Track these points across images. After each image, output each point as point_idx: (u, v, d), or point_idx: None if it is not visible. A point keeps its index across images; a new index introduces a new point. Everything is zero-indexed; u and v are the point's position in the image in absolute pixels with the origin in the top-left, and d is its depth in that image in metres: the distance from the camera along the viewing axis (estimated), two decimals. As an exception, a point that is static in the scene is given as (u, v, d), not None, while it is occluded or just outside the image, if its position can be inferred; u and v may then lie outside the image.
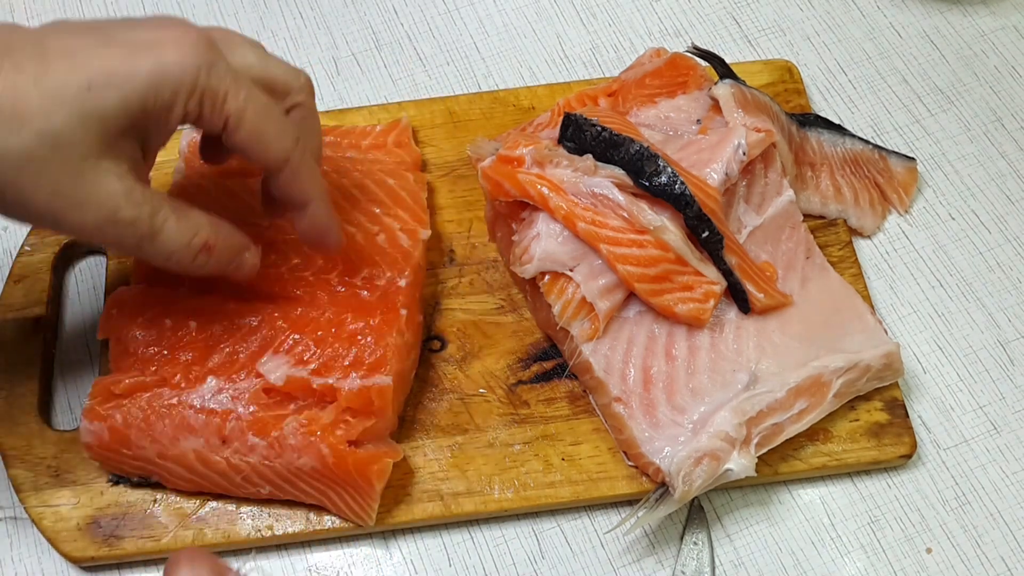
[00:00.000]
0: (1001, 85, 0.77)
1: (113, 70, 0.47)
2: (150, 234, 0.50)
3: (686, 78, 0.68)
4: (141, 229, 0.50)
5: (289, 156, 0.52)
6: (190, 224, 0.52)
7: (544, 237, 0.60)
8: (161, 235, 0.50)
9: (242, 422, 0.58)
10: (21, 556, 0.62)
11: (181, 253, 0.52)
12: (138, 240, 0.50)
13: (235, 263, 0.55)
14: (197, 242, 0.52)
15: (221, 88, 0.49)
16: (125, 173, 0.48)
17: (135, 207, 0.49)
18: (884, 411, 0.63)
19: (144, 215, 0.49)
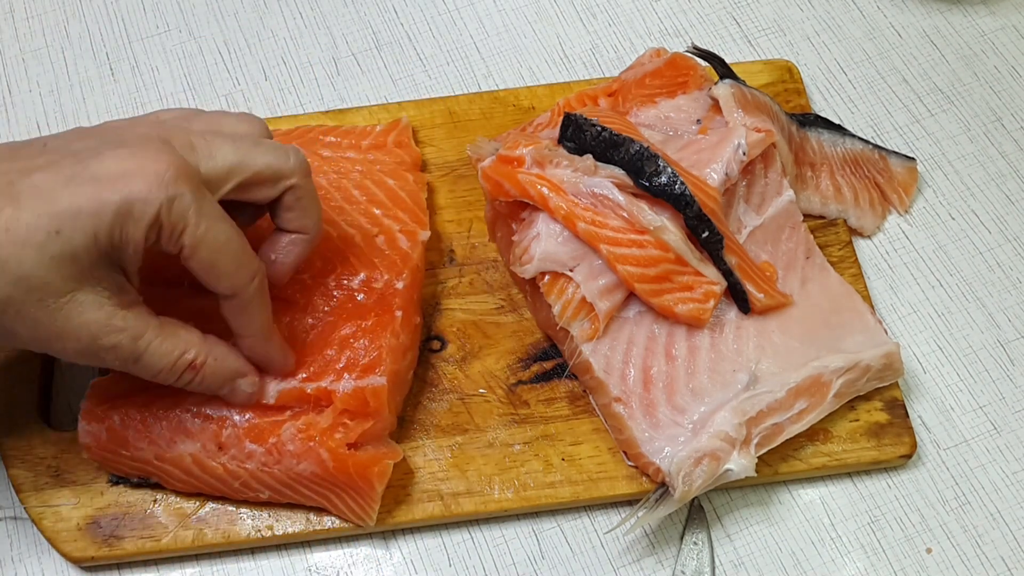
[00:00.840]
0: (1001, 85, 0.77)
1: (79, 210, 0.47)
2: (133, 358, 0.52)
3: (686, 78, 0.68)
4: (123, 354, 0.51)
5: (237, 293, 0.53)
6: (177, 343, 0.53)
7: (544, 237, 0.60)
8: (144, 358, 0.52)
9: (238, 429, 0.58)
10: (21, 556, 0.62)
11: (166, 373, 0.53)
12: (122, 363, 0.52)
13: (227, 388, 0.56)
14: (182, 362, 0.53)
15: (180, 223, 0.49)
16: (105, 301, 0.50)
17: (116, 334, 0.50)
18: (884, 411, 0.63)
19: (125, 341, 0.51)
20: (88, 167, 0.48)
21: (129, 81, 0.78)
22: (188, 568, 0.61)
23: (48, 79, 0.78)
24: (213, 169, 0.51)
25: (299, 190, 0.55)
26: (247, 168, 0.53)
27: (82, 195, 0.47)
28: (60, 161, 0.49)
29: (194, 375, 0.54)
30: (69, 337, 0.49)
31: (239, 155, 0.52)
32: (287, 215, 0.56)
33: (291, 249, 0.57)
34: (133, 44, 0.80)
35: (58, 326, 0.49)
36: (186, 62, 0.79)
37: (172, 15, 0.81)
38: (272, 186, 0.54)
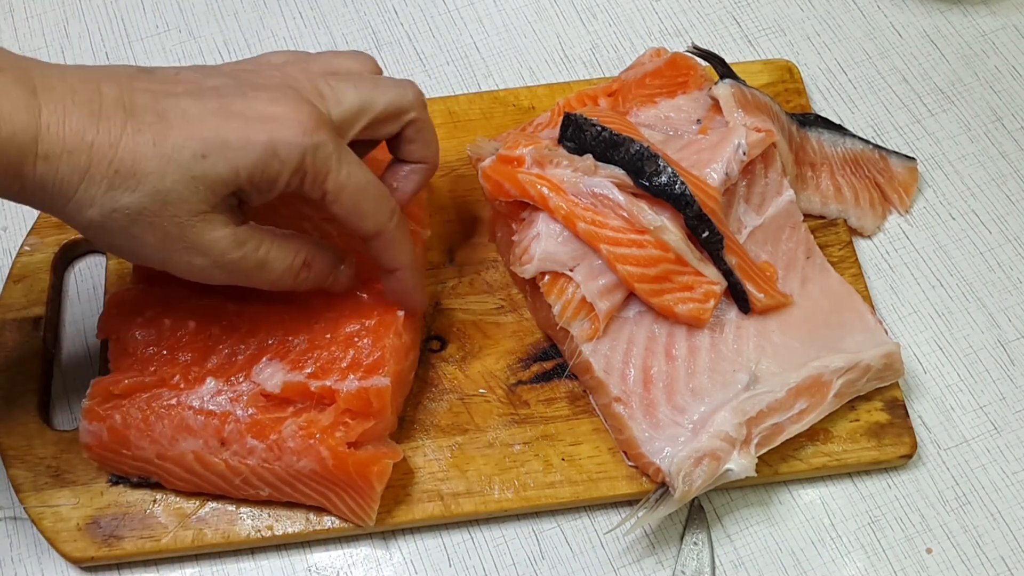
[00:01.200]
0: (1001, 85, 0.77)
1: (227, 141, 0.49)
2: (258, 266, 0.54)
3: (686, 78, 0.68)
4: (248, 264, 0.53)
5: (382, 230, 0.55)
6: (290, 248, 0.55)
7: (544, 237, 0.60)
8: (268, 264, 0.54)
9: (241, 425, 0.58)
10: (21, 556, 0.62)
11: (285, 274, 0.55)
12: (246, 273, 0.54)
13: (332, 276, 0.58)
14: (298, 262, 0.55)
15: (323, 169, 0.52)
16: (228, 220, 0.52)
17: (240, 247, 0.52)
18: (884, 411, 0.63)
19: (249, 251, 0.53)
20: (234, 103, 0.51)
21: (129, 81, 0.78)
22: (188, 568, 0.61)
23: (48, 79, 0.78)
24: (341, 114, 0.54)
25: (419, 122, 0.58)
26: (372, 108, 0.55)
27: (230, 128, 0.50)
28: (202, 92, 0.51)
29: (308, 272, 0.56)
30: (197, 252, 0.51)
31: (363, 97, 0.54)
32: (409, 147, 0.58)
33: (412, 178, 0.60)
34: (133, 44, 0.80)
35: (186, 243, 0.51)
36: (186, 62, 0.79)
37: (172, 15, 0.81)
38: (395, 122, 0.56)
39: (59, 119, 0.47)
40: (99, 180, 0.48)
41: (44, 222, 0.69)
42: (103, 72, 0.50)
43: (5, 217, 0.72)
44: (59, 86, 0.48)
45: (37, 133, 0.46)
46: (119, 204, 0.48)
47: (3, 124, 0.46)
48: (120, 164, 0.48)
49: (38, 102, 0.47)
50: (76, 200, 0.48)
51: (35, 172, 0.47)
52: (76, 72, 0.49)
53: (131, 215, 0.49)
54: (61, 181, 0.47)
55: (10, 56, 0.48)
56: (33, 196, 0.48)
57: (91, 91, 0.48)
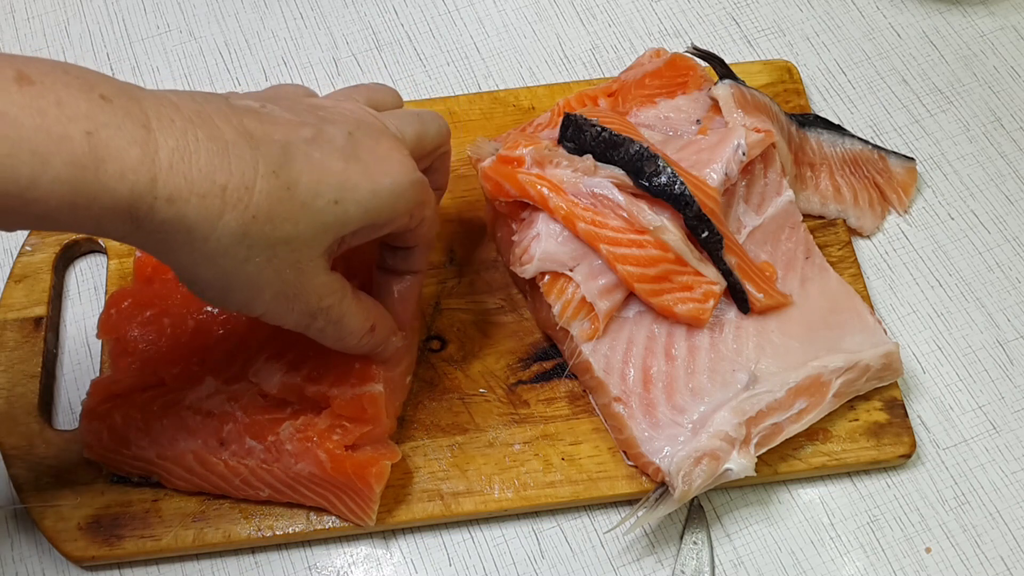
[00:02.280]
0: (1000, 85, 0.78)
1: (357, 186, 0.49)
2: (337, 319, 0.52)
3: (686, 78, 0.68)
4: (332, 315, 0.52)
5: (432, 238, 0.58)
6: (363, 307, 0.54)
7: (544, 237, 0.60)
8: (345, 319, 0.53)
9: (239, 425, 0.58)
10: (21, 556, 0.62)
11: (354, 335, 0.54)
12: (325, 324, 0.52)
13: (385, 344, 0.58)
14: (367, 324, 0.55)
15: (427, 198, 0.54)
16: (327, 264, 0.51)
17: (331, 295, 0.51)
18: (883, 411, 0.64)
19: (335, 302, 0.52)
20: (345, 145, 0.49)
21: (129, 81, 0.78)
22: (189, 567, 0.61)
23: (48, 79, 0.78)
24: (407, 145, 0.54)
25: (447, 154, 0.59)
26: (425, 141, 0.55)
27: (355, 172, 0.49)
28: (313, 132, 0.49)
29: (371, 337, 0.55)
30: (302, 298, 0.50)
31: (418, 131, 0.55)
32: (432, 176, 0.58)
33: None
34: (133, 44, 0.80)
35: (300, 287, 0.49)
36: (186, 62, 0.79)
37: (172, 15, 0.81)
38: (433, 155, 0.57)
39: (184, 157, 0.43)
40: (235, 226, 0.44)
41: (45, 222, 0.69)
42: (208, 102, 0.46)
43: (6, 217, 0.72)
44: (177, 119, 0.44)
45: (156, 173, 0.42)
46: (252, 252, 0.46)
47: (111, 161, 0.41)
48: (257, 209, 0.45)
49: (155, 137, 0.42)
50: (207, 249, 0.44)
51: (155, 216, 0.43)
52: (186, 102, 0.45)
53: (262, 263, 0.46)
54: (189, 228, 0.43)
55: (117, 83, 0.44)
56: (149, 241, 0.44)
57: (211, 126, 0.45)
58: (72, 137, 0.41)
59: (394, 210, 0.51)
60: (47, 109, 0.41)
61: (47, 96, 0.41)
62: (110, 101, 0.42)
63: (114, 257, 0.68)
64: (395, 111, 0.56)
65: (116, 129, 0.42)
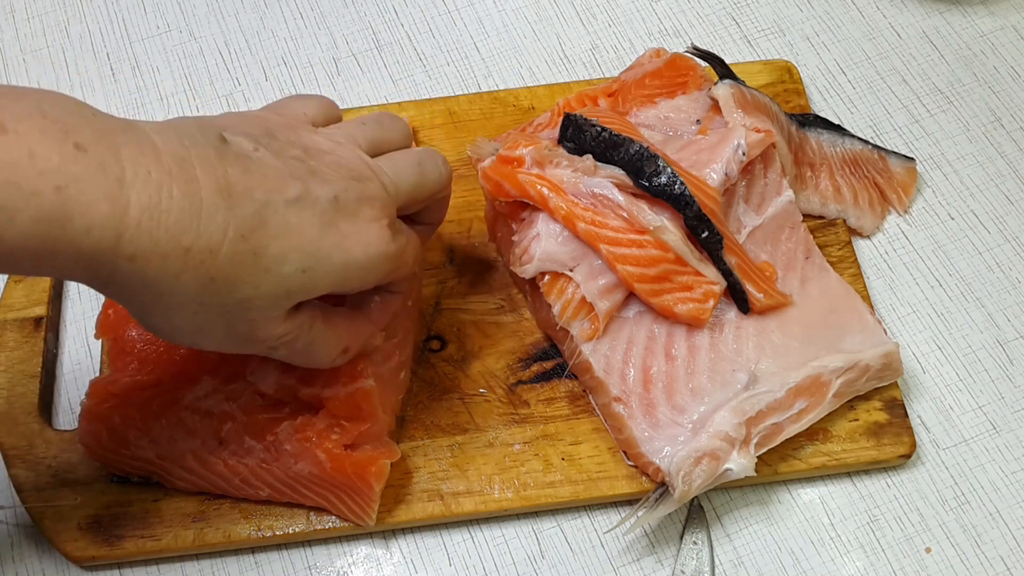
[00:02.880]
0: (1000, 85, 0.78)
1: (328, 257, 0.49)
2: (304, 349, 0.52)
3: (686, 78, 0.68)
4: (297, 347, 0.52)
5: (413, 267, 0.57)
6: (334, 333, 0.54)
7: (544, 237, 0.60)
8: (313, 347, 0.53)
9: (238, 424, 0.58)
10: (21, 556, 0.62)
11: (324, 359, 0.55)
12: (290, 353, 0.52)
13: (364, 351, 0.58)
14: (338, 348, 0.55)
15: (403, 264, 0.54)
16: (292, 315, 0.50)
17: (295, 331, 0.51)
18: (883, 411, 0.64)
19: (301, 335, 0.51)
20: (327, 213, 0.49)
21: (130, 81, 0.78)
22: (189, 567, 0.61)
23: (49, 79, 0.78)
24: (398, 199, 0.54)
25: (445, 197, 0.59)
26: (421, 193, 0.56)
27: (330, 243, 0.49)
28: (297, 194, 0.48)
29: (344, 357, 0.56)
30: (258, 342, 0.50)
31: (415, 184, 0.55)
32: (427, 213, 0.59)
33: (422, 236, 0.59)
34: (134, 44, 0.80)
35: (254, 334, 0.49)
36: (186, 62, 0.79)
37: (172, 15, 0.81)
38: (432, 199, 0.57)
39: (154, 217, 0.42)
40: (192, 285, 0.44)
41: (45, 222, 0.69)
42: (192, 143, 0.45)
43: (6, 217, 0.72)
44: (154, 171, 0.43)
45: (122, 232, 0.41)
46: (203, 307, 0.46)
47: (78, 217, 0.40)
48: (217, 272, 0.45)
49: (127, 194, 0.42)
50: (161, 303, 0.45)
51: (116, 271, 0.43)
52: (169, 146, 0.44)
53: (212, 318, 0.47)
54: (146, 283, 0.44)
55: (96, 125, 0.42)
56: (107, 290, 0.45)
57: (189, 179, 0.44)
58: (42, 193, 0.40)
59: (364, 281, 0.51)
60: (19, 162, 0.40)
61: (20, 147, 0.40)
62: (85, 151, 0.41)
63: (114, 257, 0.68)
64: (395, 156, 0.55)
65: (87, 183, 0.41)
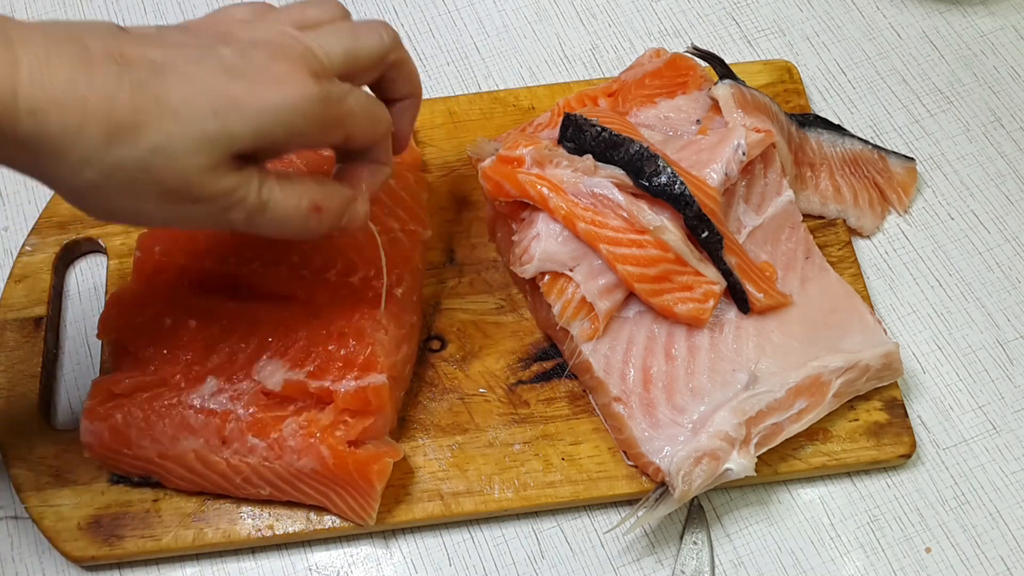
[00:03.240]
0: (1000, 85, 0.78)
1: (238, 102, 0.47)
2: (259, 207, 0.50)
3: (686, 78, 0.68)
4: (249, 206, 0.50)
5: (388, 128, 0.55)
6: (296, 188, 0.52)
7: (544, 237, 0.60)
8: (270, 205, 0.51)
9: (242, 423, 0.58)
10: (21, 556, 0.62)
11: (292, 219, 0.52)
12: (248, 215, 0.50)
13: (346, 217, 0.55)
14: (305, 204, 0.52)
15: (340, 112, 0.51)
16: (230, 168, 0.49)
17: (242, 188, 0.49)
18: (883, 411, 0.64)
19: (252, 193, 0.50)
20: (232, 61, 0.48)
21: (129, 81, 0.78)
22: (188, 567, 0.61)
23: (48, 79, 0.78)
24: (332, 66, 0.52)
25: (400, 61, 0.56)
26: (357, 57, 0.53)
27: (239, 88, 0.47)
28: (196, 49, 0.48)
29: (320, 216, 0.53)
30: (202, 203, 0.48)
31: (346, 46, 0.53)
32: (394, 87, 0.57)
33: (404, 115, 0.58)
34: (133, 44, 0.80)
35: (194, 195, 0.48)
36: (186, 62, 0.79)
37: (172, 15, 0.81)
38: (378, 67, 0.55)
39: (43, 72, 0.44)
40: (97, 136, 0.44)
41: (45, 222, 0.69)
42: (85, 26, 0.47)
43: (6, 217, 0.73)
44: (40, 38, 0.44)
45: (16, 87, 0.43)
46: (120, 160, 0.45)
47: None
48: (120, 118, 0.45)
49: (15, 53, 0.43)
50: (71, 159, 0.45)
51: (18, 128, 0.44)
52: (59, 26, 0.46)
53: (132, 173, 0.46)
54: (52, 137, 0.44)
55: None
56: (17, 155, 0.45)
57: (77, 44, 0.45)
58: None
59: (291, 128, 0.49)
60: None
61: None
62: None
63: (114, 257, 0.68)
64: (325, 28, 0.54)
65: None
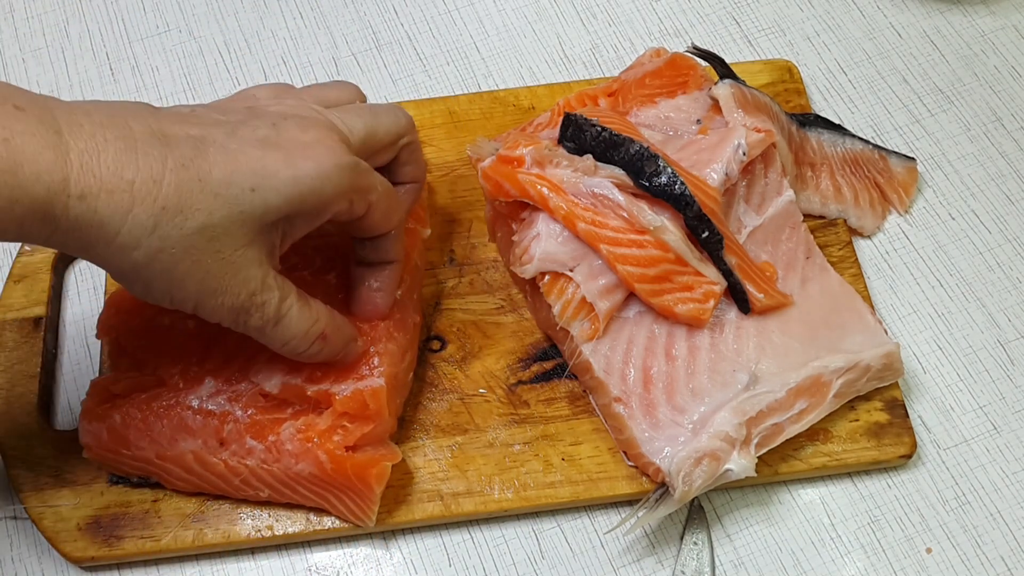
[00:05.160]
0: (1001, 85, 0.77)
1: (275, 172, 0.49)
2: (275, 319, 0.52)
3: (686, 78, 0.68)
4: (268, 314, 0.52)
5: (397, 225, 0.57)
6: (311, 313, 0.54)
7: (544, 237, 0.60)
8: (284, 320, 0.53)
9: (240, 425, 0.58)
10: (21, 556, 0.62)
11: (299, 340, 0.54)
12: (263, 323, 0.52)
13: (343, 352, 0.57)
14: (315, 331, 0.54)
15: (367, 184, 0.53)
16: (264, 259, 0.51)
17: (268, 292, 0.51)
18: (884, 411, 0.64)
19: (274, 300, 0.52)
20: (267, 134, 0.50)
21: (129, 81, 0.78)
22: (188, 568, 0.61)
23: (48, 79, 0.78)
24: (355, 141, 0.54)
25: (413, 145, 0.59)
26: (377, 135, 0.55)
27: (274, 159, 0.49)
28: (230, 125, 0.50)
29: (323, 345, 0.55)
30: (231, 291, 0.50)
31: (368, 124, 0.55)
32: (403, 169, 0.59)
33: (407, 197, 0.60)
34: (133, 44, 0.80)
35: (226, 278, 0.49)
36: (186, 62, 0.79)
37: (172, 15, 0.81)
38: (394, 147, 0.57)
39: (92, 157, 0.45)
40: (144, 219, 0.46)
41: (44, 222, 0.69)
42: (125, 108, 0.49)
43: (5, 217, 0.72)
44: (86, 123, 0.46)
45: (67, 173, 0.44)
46: (166, 243, 0.47)
47: (27, 164, 0.43)
48: (166, 201, 0.46)
49: (66, 140, 0.45)
50: (119, 242, 0.46)
51: (69, 214, 0.45)
52: (101, 108, 0.48)
53: (177, 254, 0.47)
54: (101, 223, 0.45)
55: (29, 95, 0.46)
56: (68, 240, 0.46)
57: (121, 127, 0.47)
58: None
59: (321, 196, 0.51)
60: None
61: None
62: (23, 110, 0.45)
63: (114, 257, 0.68)
64: (346, 107, 0.56)
65: (30, 136, 0.44)
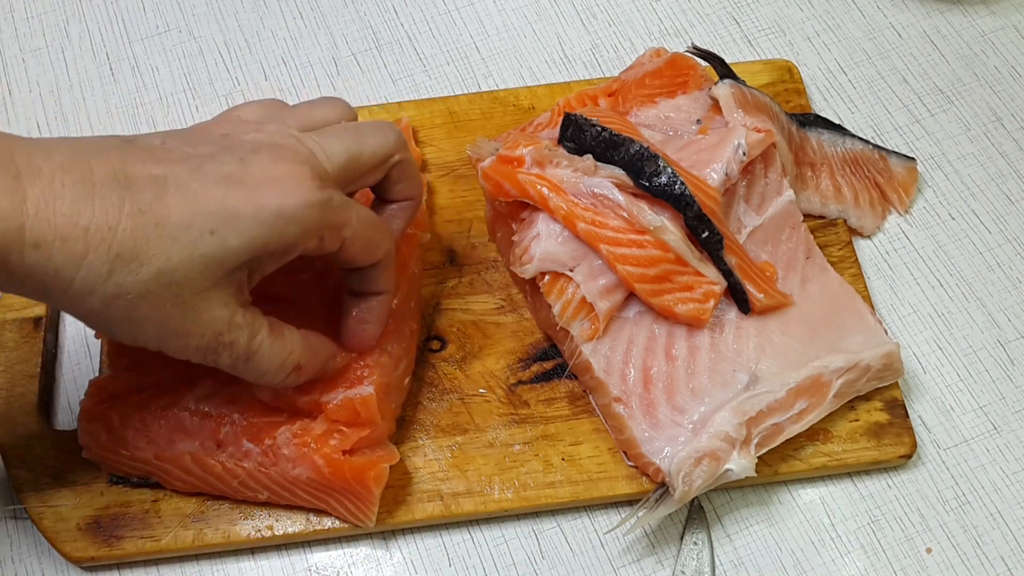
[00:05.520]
0: (1001, 85, 0.77)
1: (235, 213, 0.47)
2: (246, 356, 0.51)
3: (686, 78, 0.68)
4: (238, 352, 0.51)
5: (384, 257, 0.55)
6: (284, 345, 0.53)
7: (544, 237, 0.60)
8: (256, 357, 0.52)
9: (236, 427, 0.58)
10: (21, 556, 0.62)
11: (273, 373, 0.53)
12: (233, 360, 0.51)
13: (322, 371, 0.57)
14: (290, 363, 0.53)
15: (339, 220, 0.51)
16: (230, 299, 0.49)
17: (236, 331, 0.50)
18: (884, 411, 0.63)
19: (243, 339, 0.51)
20: (232, 170, 0.48)
21: (129, 81, 0.78)
22: (188, 568, 0.61)
23: (48, 79, 0.78)
24: (335, 169, 0.52)
25: (404, 163, 0.56)
26: (360, 159, 0.53)
27: (236, 198, 0.47)
28: (197, 161, 0.48)
29: (298, 375, 0.55)
30: (194, 333, 0.49)
31: (349, 149, 0.53)
32: (396, 188, 0.57)
33: (401, 216, 0.58)
34: (133, 44, 0.80)
35: (187, 321, 0.48)
36: (186, 62, 0.79)
37: (172, 15, 0.81)
38: (382, 168, 0.55)
39: (48, 204, 0.44)
40: (98, 266, 0.45)
41: (44, 222, 0.69)
42: (91, 146, 0.47)
43: (5, 217, 0.72)
44: (46, 167, 0.45)
45: (23, 221, 0.43)
46: (121, 290, 0.46)
47: None
48: (121, 248, 0.45)
49: (23, 187, 0.44)
50: (74, 289, 0.45)
51: (23, 262, 0.44)
52: (64, 148, 0.46)
53: (133, 300, 0.46)
54: (55, 270, 0.45)
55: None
56: (24, 286, 0.45)
57: (82, 169, 0.45)
58: None
59: (284, 235, 0.49)
60: None
61: None
62: None
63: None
64: (328, 129, 0.54)
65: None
